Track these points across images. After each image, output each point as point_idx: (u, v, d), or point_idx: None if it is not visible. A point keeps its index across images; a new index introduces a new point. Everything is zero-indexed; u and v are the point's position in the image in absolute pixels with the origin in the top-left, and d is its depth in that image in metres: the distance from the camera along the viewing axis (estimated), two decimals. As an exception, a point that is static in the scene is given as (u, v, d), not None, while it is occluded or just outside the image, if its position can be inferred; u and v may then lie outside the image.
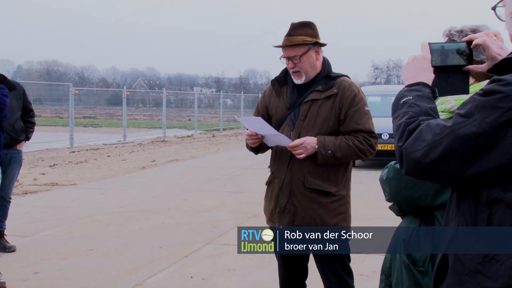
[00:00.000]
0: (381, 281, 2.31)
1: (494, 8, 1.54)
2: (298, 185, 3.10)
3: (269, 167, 3.30)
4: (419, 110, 1.51)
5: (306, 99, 3.12)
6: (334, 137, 3.06)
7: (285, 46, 3.11)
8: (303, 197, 3.09)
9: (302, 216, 3.09)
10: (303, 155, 3.03)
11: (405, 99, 1.56)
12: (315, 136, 3.06)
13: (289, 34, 3.11)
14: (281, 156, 3.18)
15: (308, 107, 3.11)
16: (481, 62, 2.04)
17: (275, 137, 3.11)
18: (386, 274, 2.27)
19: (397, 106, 1.58)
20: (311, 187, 3.07)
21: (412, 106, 1.53)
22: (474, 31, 2.05)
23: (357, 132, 3.08)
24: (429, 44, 1.68)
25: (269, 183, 3.28)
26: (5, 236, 5.88)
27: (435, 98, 1.62)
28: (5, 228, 5.92)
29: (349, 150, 3.04)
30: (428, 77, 1.64)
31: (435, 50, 1.67)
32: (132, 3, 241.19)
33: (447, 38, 2.10)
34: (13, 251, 5.76)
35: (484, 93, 1.39)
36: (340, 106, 3.08)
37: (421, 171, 1.45)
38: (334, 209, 3.09)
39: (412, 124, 1.47)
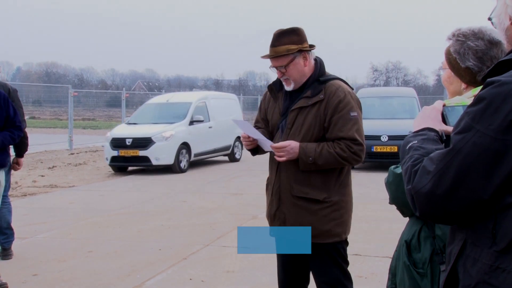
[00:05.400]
0: (388, 279, 2.34)
1: (490, 19, 1.54)
2: (286, 193, 3.10)
3: None
4: (425, 152, 1.49)
5: (293, 107, 3.10)
6: (317, 144, 3.02)
7: (270, 57, 3.08)
8: (292, 204, 3.08)
9: (291, 223, 3.09)
10: (283, 159, 3.01)
11: (410, 144, 1.56)
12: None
13: (273, 45, 3.06)
14: (272, 164, 3.20)
15: (295, 115, 3.09)
16: (467, 68, 2.07)
17: (262, 141, 3.13)
18: (393, 273, 2.30)
19: (404, 152, 1.57)
20: (298, 195, 3.06)
21: (418, 149, 1.52)
22: (476, 34, 2.06)
23: (340, 139, 3.02)
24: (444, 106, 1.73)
25: (266, 188, 3.32)
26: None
27: (442, 141, 1.61)
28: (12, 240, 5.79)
29: (331, 158, 2.99)
30: (435, 124, 1.65)
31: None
32: (131, 5, 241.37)
33: (450, 41, 2.11)
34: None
35: (479, 99, 1.35)
36: (325, 113, 3.03)
37: (435, 205, 1.38)
38: (326, 215, 3.05)
39: (417, 166, 1.45)
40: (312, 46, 3.13)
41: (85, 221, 7.61)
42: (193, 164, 13.92)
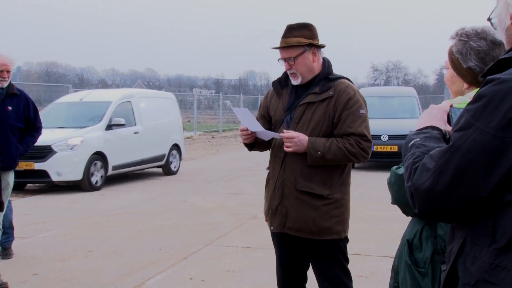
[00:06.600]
0: (391, 277, 2.35)
1: (489, 19, 1.54)
2: (290, 187, 3.09)
3: (267, 168, 3.31)
4: (426, 150, 1.49)
5: (301, 102, 3.12)
6: (326, 139, 3.05)
7: (281, 47, 3.12)
8: (295, 199, 3.08)
9: (293, 218, 3.09)
10: (290, 150, 3.03)
11: (413, 142, 1.57)
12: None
13: (284, 36, 3.11)
14: (275, 158, 3.20)
15: (303, 110, 3.11)
16: (469, 69, 2.06)
17: (264, 132, 3.13)
18: (396, 271, 2.31)
19: (406, 150, 1.57)
20: (302, 189, 3.06)
21: (419, 146, 1.53)
22: (479, 34, 2.05)
23: (349, 135, 3.05)
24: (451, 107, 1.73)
25: (266, 183, 3.30)
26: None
27: (445, 140, 1.60)
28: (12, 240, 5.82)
29: (340, 153, 3.01)
30: (439, 123, 1.66)
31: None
32: (131, 4, 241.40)
33: (453, 41, 2.10)
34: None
35: (479, 97, 1.35)
36: (334, 109, 3.07)
37: (434, 203, 1.38)
38: (327, 212, 3.06)
39: (418, 163, 1.45)
40: (322, 45, 3.17)
41: (85, 221, 7.61)
42: (112, 180, 10.91)
